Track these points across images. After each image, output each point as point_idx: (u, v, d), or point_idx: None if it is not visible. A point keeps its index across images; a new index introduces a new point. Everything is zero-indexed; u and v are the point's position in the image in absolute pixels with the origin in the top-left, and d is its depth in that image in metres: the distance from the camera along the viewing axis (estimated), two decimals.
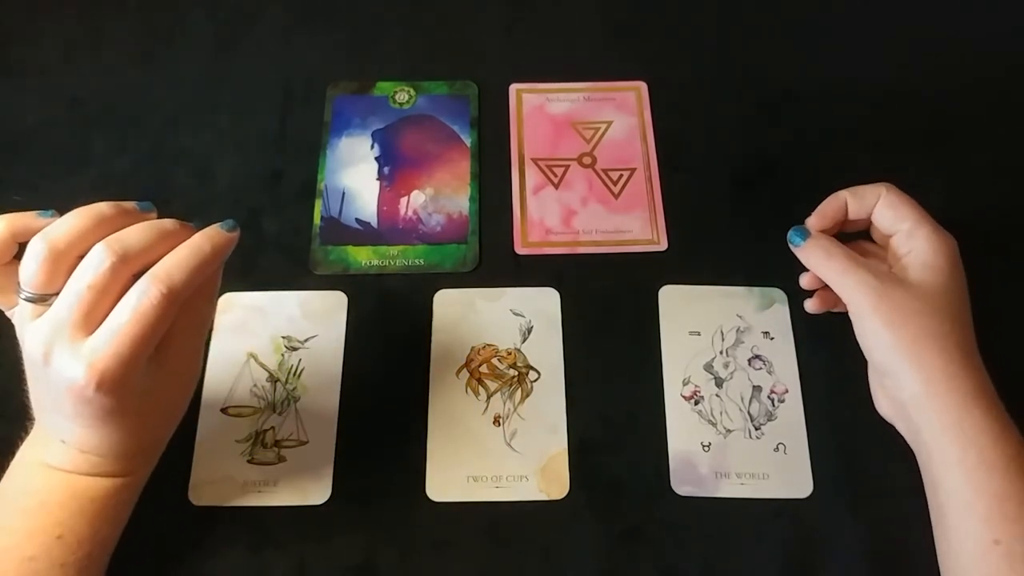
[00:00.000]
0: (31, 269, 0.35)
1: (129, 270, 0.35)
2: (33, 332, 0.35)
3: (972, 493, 0.38)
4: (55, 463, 0.38)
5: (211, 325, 0.41)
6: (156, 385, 0.37)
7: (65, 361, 0.34)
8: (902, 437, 0.44)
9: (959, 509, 0.39)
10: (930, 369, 0.40)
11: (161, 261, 0.36)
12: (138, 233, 0.36)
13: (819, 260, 0.44)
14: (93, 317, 0.34)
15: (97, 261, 0.34)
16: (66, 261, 0.35)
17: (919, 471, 0.42)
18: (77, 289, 0.34)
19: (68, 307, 0.34)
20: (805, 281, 0.48)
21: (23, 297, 0.35)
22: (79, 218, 0.36)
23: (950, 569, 0.40)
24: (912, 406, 0.41)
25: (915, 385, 0.40)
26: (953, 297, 0.41)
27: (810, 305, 0.48)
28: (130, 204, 0.38)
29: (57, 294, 0.35)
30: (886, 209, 0.44)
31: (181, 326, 0.37)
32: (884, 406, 0.45)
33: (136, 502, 0.42)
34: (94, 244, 0.35)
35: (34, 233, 0.36)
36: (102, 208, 0.37)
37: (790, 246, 0.45)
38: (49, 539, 0.37)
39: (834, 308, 0.48)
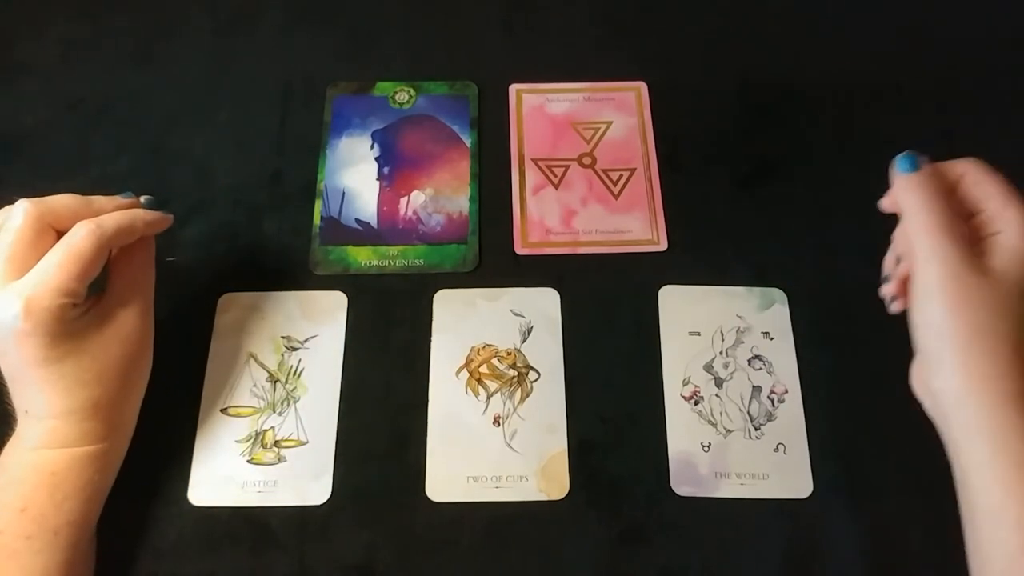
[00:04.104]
0: None
1: (46, 221, 0.40)
2: None
3: (1003, 496, 0.36)
4: (25, 443, 0.40)
5: (152, 292, 0.45)
6: (98, 339, 0.40)
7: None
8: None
9: (988, 511, 0.37)
10: (975, 366, 0.37)
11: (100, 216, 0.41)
12: (60, 196, 0.42)
13: (915, 202, 0.39)
14: (19, 263, 0.39)
15: (15, 213, 0.40)
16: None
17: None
18: (2, 241, 0.39)
19: (2, 254, 0.39)
20: (885, 203, 0.42)
21: None
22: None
23: (980, 570, 0.38)
24: (944, 398, 0.38)
25: (953, 379, 0.37)
26: None
27: (888, 289, 0.43)
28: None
29: None
30: (972, 185, 0.40)
31: (119, 282, 0.43)
32: (918, 386, 0.42)
33: (105, 481, 0.42)
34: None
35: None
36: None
37: (893, 171, 0.41)
38: (13, 513, 0.39)
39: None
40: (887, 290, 0.43)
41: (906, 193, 0.40)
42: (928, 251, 0.38)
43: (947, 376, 0.38)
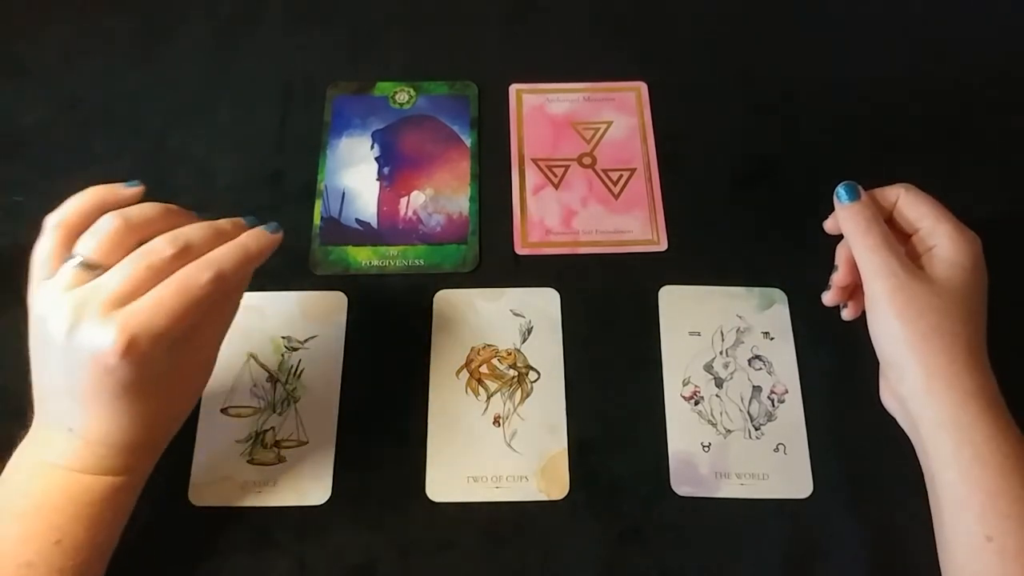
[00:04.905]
0: (101, 237, 0.36)
1: (183, 263, 0.37)
2: (64, 302, 0.35)
3: (966, 489, 0.38)
4: (56, 459, 0.37)
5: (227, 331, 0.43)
6: (170, 376, 0.38)
7: (95, 327, 0.34)
8: (902, 437, 0.44)
9: (954, 505, 0.39)
10: (934, 366, 0.40)
11: (212, 251, 0.38)
12: (200, 232, 0.38)
13: (857, 227, 0.42)
14: (135, 295, 0.35)
15: (160, 248, 0.36)
16: (133, 240, 0.37)
17: (920, 470, 0.42)
18: (135, 266, 0.36)
19: (118, 280, 0.35)
20: (829, 225, 0.46)
21: (77, 263, 0.36)
22: (153, 208, 0.38)
23: (947, 564, 0.40)
24: (911, 400, 0.41)
25: (916, 380, 0.40)
26: (971, 296, 0.41)
27: (828, 298, 0.47)
28: (191, 213, 0.41)
29: (104, 271, 0.36)
30: (906, 207, 0.43)
31: (207, 321, 0.39)
32: (888, 399, 0.45)
33: (133, 507, 0.41)
34: (156, 235, 0.37)
35: (116, 205, 0.38)
36: (170, 207, 0.40)
37: (835, 201, 0.44)
38: (47, 544, 0.36)
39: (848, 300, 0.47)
40: (828, 298, 0.47)
41: (848, 220, 0.43)
42: (874, 268, 0.41)
43: (912, 379, 0.40)
